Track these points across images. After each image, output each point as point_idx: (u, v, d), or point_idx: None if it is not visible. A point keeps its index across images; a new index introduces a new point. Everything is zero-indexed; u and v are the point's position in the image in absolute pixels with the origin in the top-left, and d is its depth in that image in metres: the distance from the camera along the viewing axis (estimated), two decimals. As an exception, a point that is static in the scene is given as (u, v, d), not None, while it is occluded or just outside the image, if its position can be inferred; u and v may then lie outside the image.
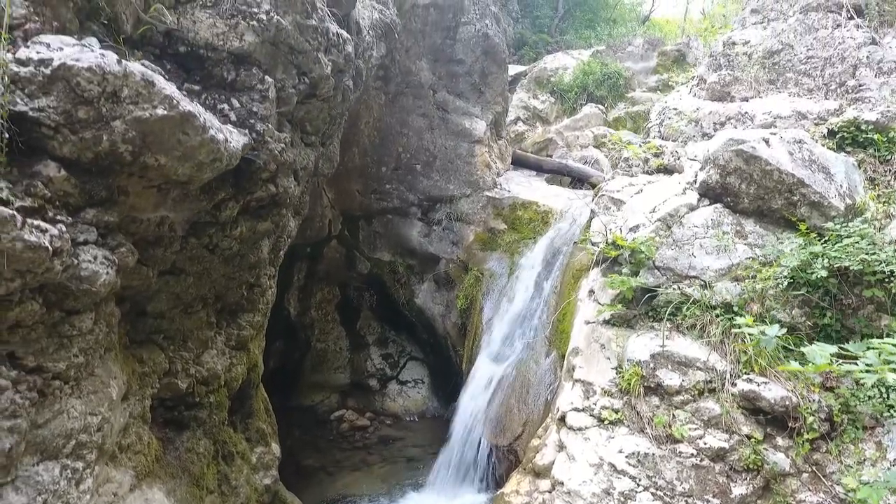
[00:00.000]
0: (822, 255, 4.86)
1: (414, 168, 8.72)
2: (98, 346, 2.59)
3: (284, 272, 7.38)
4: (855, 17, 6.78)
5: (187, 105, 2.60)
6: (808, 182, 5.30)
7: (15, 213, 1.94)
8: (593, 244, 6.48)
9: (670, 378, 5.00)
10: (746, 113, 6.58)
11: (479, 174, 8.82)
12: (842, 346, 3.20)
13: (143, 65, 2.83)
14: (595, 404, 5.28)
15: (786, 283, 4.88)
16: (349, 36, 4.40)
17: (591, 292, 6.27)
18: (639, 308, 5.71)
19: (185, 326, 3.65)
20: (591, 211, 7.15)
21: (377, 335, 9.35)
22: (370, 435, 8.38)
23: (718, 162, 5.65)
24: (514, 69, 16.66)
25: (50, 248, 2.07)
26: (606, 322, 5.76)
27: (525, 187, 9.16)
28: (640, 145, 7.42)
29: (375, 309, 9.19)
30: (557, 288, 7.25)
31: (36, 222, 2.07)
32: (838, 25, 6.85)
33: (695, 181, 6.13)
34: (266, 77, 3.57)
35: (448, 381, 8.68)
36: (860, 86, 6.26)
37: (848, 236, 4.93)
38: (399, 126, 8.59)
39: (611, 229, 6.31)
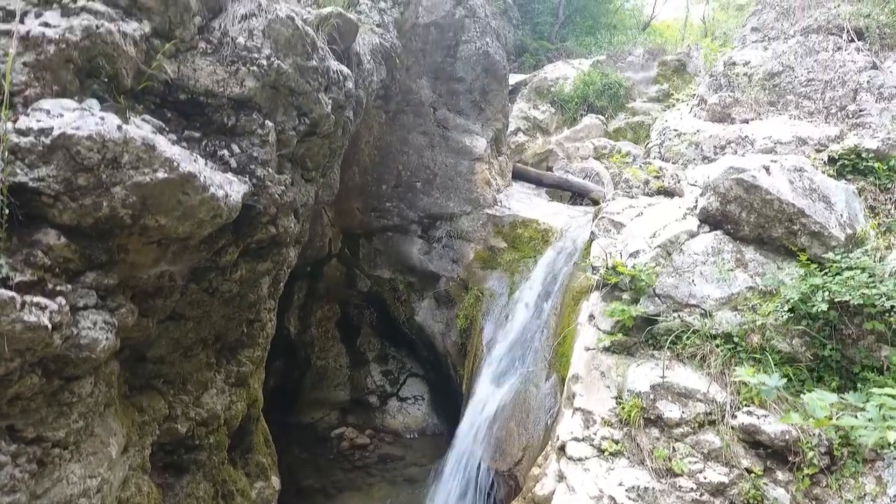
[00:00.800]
0: (823, 288, 4.85)
1: (414, 186, 8.72)
2: (97, 406, 2.60)
3: (284, 292, 7.37)
4: (856, 39, 6.78)
5: (188, 165, 2.59)
6: (808, 212, 5.29)
7: (14, 294, 1.94)
8: (594, 268, 6.48)
9: (670, 410, 5.00)
10: (747, 137, 6.57)
11: (479, 191, 8.82)
12: (842, 395, 3.20)
13: (144, 120, 2.84)
14: (595, 434, 5.27)
15: (786, 317, 4.87)
16: (349, 72, 4.39)
17: (592, 317, 6.26)
18: (639, 336, 5.70)
19: (184, 369, 3.65)
20: (592, 233, 7.15)
21: (377, 352, 9.36)
22: (370, 453, 8.39)
23: (719, 190, 5.64)
24: (514, 78, 16.66)
25: (49, 325, 2.07)
26: (606, 349, 5.75)
27: (525, 204, 9.15)
28: (641, 166, 7.41)
29: (376, 326, 9.20)
30: (557, 309, 7.25)
31: (35, 299, 2.07)
32: (839, 48, 6.84)
33: (695, 207, 6.12)
34: (266, 121, 3.57)
35: (448, 398, 8.68)
36: (861, 111, 6.25)
37: (848, 268, 4.92)
38: (399, 144, 8.59)
39: (611, 253, 6.31)
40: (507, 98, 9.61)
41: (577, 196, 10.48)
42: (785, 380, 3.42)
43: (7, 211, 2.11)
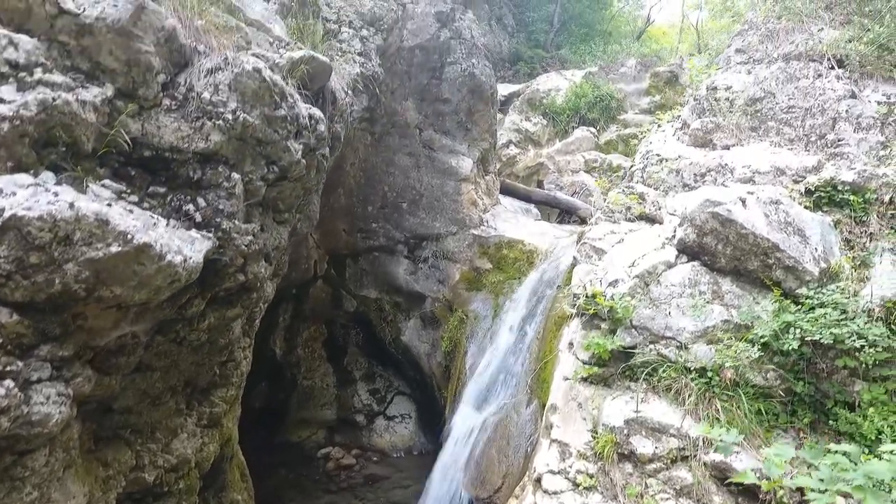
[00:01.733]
0: (795, 325, 4.88)
1: (400, 206, 8.75)
2: (54, 474, 2.63)
3: (269, 314, 7.43)
4: (836, 67, 6.80)
5: (142, 236, 2.63)
6: (782, 247, 5.32)
7: (-42, 387, 1.97)
8: (574, 296, 6.51)
9: (643, 445, 5.03)
10: (726, 165, 6.60)
11: (465, 212, 8.85)
12: (800, 449, 3.23)
13: (104, 185, 2.87)
14: (570, 467, 5.31)
15: (758, 354, 4.90)
16: (321, 114, 4.42)
17: (571, 345, 6.29)
18: (616, 367, 5.74)
19: (153, 418, 3.68)
20: (574, 258, 7.18)
21: (364, 370, 9.39)
22: (356, 474, 8.42)
23: (695, 222, 5.67)
24: (507, 89, 16.70)
25: (-4, 411, 2.11)
26: (584, 380, 5.79)
27: (512, 224, 9.18)
28: (623, 190, 7.44)
29: (362, 346, 9.23)
30: (540, 334, 7.27)
31: (-18, 386, 2.10)
32: (819, 75, 6.86)
33: (673, 236, 6.15)
34: (233, 174, 3.60)
35: (435, 416, 8.71)
36: (839, 140, 6.27)
37: (821, 305, 4.96)
38: (385, 165, 8.62)
39: (591, 281, 6.34)
40: (495, 118, 9.63)
41: (565, 213, 10.51)
42: (742, 437, 3.46)
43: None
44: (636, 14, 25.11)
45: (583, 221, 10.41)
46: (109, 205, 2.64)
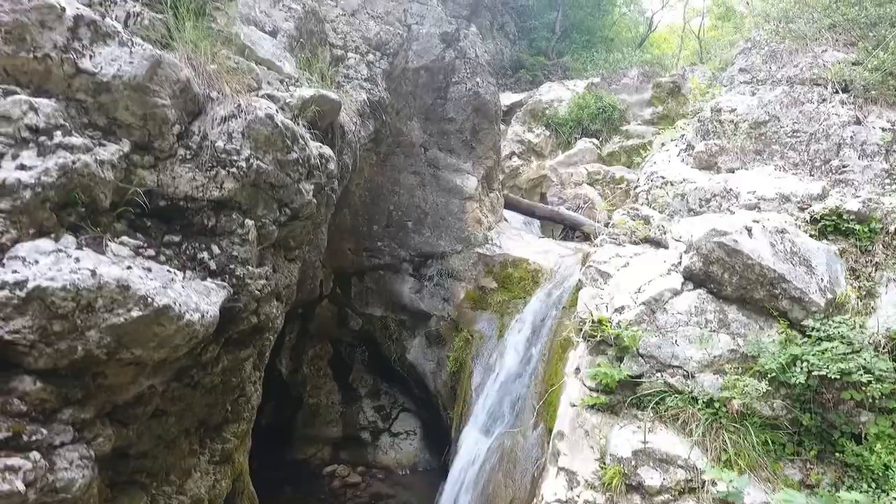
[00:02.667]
0: (801, 359, 4.91)
1: (405, 225, 8.78)
2: (74, 534, 2.67)
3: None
4: (840, 92, 6.82)
5: (162, 298, 2.66)
6: (789, 277, 5.35)
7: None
8: (581, 320, 6.54)
9: (651, 477, 5.06)
10: (731, 190, 6.62)
11: (470, 230, 8.88)
12: (807, 479, 3.27)
13: (121, 243, 2.90)
14: (578, 497, 5.33)
15: (765, 390, 4.93)
16: (331, 153, 4.46)
17: (578, 370, 6.31)
18: (623, 394, 5.76)
19: (167, 461, 3.71)
20: (579, 280, 7.20)
21: (369, 387, 9.42)
22: (361, 493, 8.45)
23: (702, 251, 5.70)
24: (509, 98, 16.72)
25: (23, 487, 2.14)
26: (591, 407, 5.81)
27: (516, 242, 9.21)
28: (628, 212, 7.47)
29: (368, 364, 9.27)
30: (545, 356, 7.30)
31: (9, 462, 2.13)
32: (824, 100, 6.89)
33: (679, 263, 6.18)
34: (246, 220, 3.63)
35: (440, 433, 8.74)
36: (844, 167, 6.30)
37: (827, 338, 4.99)
38: (390, 184, 8.65)
39: (597, 306, 6.37)
40: (499, 135, 9.66)
41: (569, 229, 10.54)
42: (746, 479, 3.48)
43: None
44: (638, 20, 25.12)
45: (586, 237, 10.44)
46: (129, 267, 2.67)
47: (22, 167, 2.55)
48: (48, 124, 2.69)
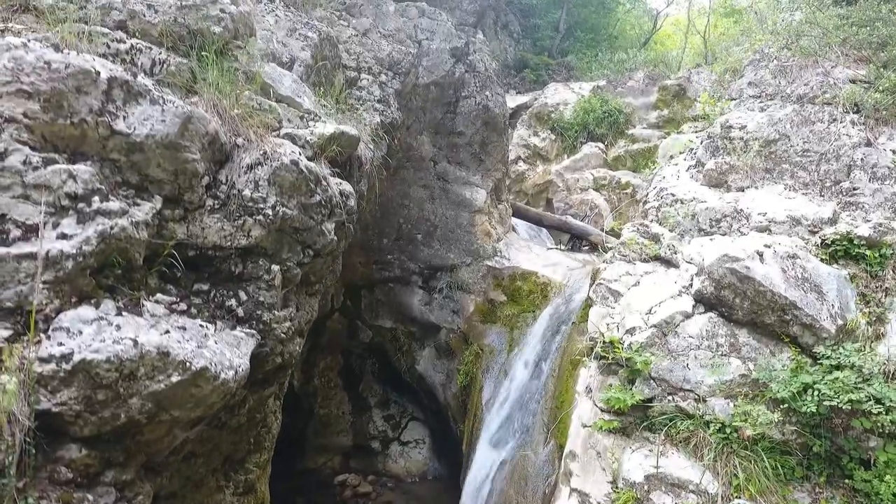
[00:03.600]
0: (813, 388, 4.98)
1: (415, 238, 8.84)
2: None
3: (288, 350, 7.56)
4: (851, 112, 6.85)
5: (199, 361, 2.73)
6: (800, 304, 5.42)
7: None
8: (591, 340, 6.61)
9: (664, 502, 5.16)
10: (742, 210, 6.67)
11: (479, 243, 8.94)
12: None
13: (156, 301, 2.96)
14: (591, 519, 5.43)
15: (777, 419, 5.01)
16: (351, 189, 4.51)
17: (589, 390, 6.39)
18: (635, 416, 5.84)
19: (195, 500, 3.81)
20: (589, 297, 7.27)
21: (379, 397, 9.53)
22: (372, 502, 8.57)
23: (713, 276, 5.77)
24: (514, 100, 16.69)
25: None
26: (603, 429, 5.90)
27: (525, 254, 9.27)
28: (637, 229, 7.52)
29: (377, 374, 9.37)
30: (556, 372, 7.38)
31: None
32: (834, 119, 6.92)
33: (690, 285, 6.24)
34: (272, 266, 3.70)
35: (449, 441, 8.85)
36: (854, 189, 6.35)
37: (838, 367, 5.06)
38: (400, 198, 8.70)
39: (608, 325, 6.44)
40: (507, 146, 9.70)
41: (577, 238, 10.59)
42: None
43: (34, 449, 2.25)
44: (642, 18, 25.00)
45: (594, 247, 10.48)
46: (167, 331, 2.74)
47: (63, 236, 2.61)
48: (86, 190, 2.75)
